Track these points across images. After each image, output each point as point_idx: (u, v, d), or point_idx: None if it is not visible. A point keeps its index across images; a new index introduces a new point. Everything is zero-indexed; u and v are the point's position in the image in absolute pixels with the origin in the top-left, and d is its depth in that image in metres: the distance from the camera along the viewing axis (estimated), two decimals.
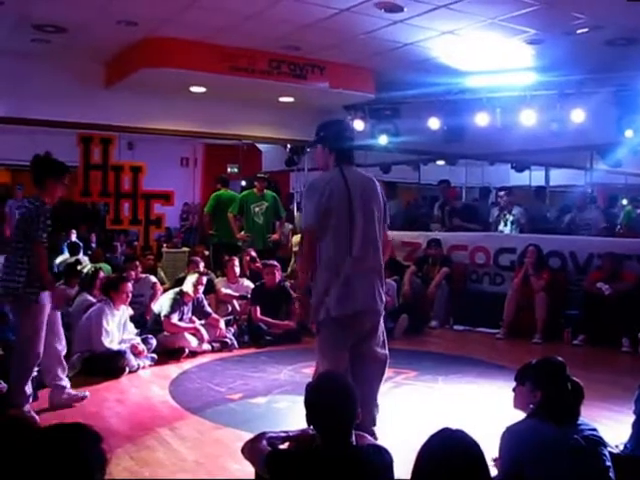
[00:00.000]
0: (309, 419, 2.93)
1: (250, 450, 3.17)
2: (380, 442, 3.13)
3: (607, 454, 3.15)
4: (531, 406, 3.32)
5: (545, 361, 3.51)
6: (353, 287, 4.39)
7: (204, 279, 8.14)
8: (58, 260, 11.05)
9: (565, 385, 3.26)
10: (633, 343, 7.94)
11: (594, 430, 3.20)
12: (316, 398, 2.94)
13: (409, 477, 2.43)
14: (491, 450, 2.67)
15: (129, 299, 7.29)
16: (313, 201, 4.41)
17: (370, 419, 4.52)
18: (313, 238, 4.43)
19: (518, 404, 3.59)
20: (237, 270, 9.27)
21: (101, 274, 8.11)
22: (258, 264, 9.65)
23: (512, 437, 3.19)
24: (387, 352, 4.76)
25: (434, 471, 2.37)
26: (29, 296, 5.22)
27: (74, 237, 12.94)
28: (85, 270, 8.65)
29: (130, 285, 7.30)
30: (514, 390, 3.68)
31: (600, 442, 3.16)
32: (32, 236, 5.18)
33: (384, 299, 4.59)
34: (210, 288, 8.76)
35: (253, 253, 10.07)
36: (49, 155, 5.65)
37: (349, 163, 4.61)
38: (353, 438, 2.88)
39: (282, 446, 3.22)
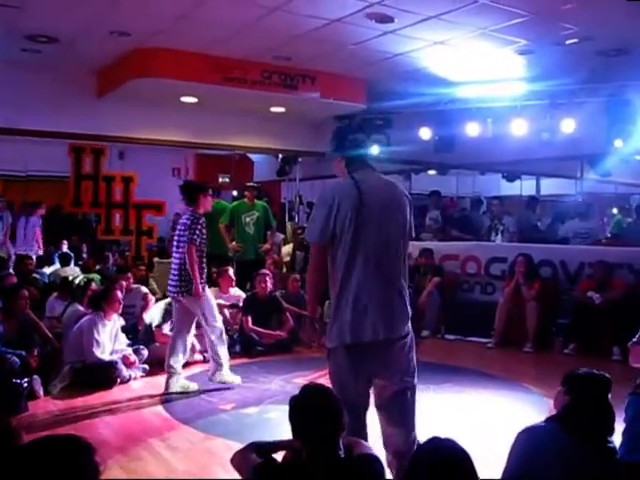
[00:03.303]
0: (294, 432, 2.93)
1: (239, 461, 3.16)
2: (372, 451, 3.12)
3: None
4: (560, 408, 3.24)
5: (588, 371, 3.34)
6: (365, 312, 3.74)
7: None
8: (49, 270, 11.02)
9: (596, 401, 3.17)
10: (623, 352, 7.95)
11: (614, 451, 3.14)
12: (299, 411, 2.94)
13: None
14: (481, 458, 2.67)
15: (121, 307, 7.28)
16: (320, 213, 3.86)
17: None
18: (320, 253, 3.88)
19: (556, 403, 3.46)
20: (232, 280, 9.18)
21: (93, 286, 8.09)
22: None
23: (527, 437, 3.12)
24: (413, 381, 3.94)
25: (424, 479, 2.37)
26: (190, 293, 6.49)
27: (65, 248, 12.90)
28: (77, 281, 8.62)
29: (120, 293, 7.29)
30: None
31: (617, 466, 3.11)
32: (187, 240, 6.43)
33: (406, 324, 3.85)
34: None
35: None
36: (191, 180, 7.15)
37: (363, 168, 4.02)
38: (342, 449, 2.87)
39: (272, 455, 3.21)
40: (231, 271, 9.27)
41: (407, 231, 3.92)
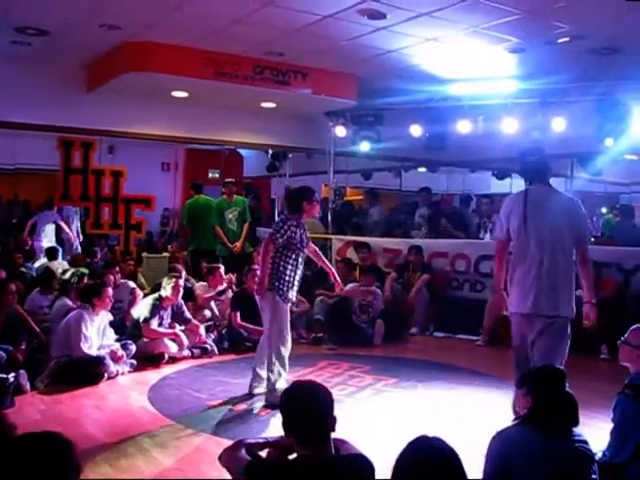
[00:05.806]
0: (285, 428, 2.91)
1: (228, 458, 3.13)
2: (360, 449, 3.10)
3: (595, 469, 3.16)
4: (524, 410, 3.32)
5: (542, 368, 3.60)
6: (526, 289, 5.03)
7: (181, 281, 8.06)
8: (36, 264, 10.96)
9: (556, 396, 3.27)
10: (611, 350, 7.97)
11: (585, 443, 3.20)
12: (289, 405, 2.93)
13: None
14: (469, 457, 2.67)
15: (111, 304, 7.26)
16: (500, 215, 5.28)
17: None
18: (499, 247, 5.29)
19: (516, 406, 3.59)
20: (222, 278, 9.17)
21: (85, 280, 8.04)
22: None
23: (501, 442, 3.19)
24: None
25: (412, 478, 2.36)
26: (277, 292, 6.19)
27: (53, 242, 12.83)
28: (67, 276, 8.55)
29: (111, 290, 7.27)
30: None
31: (589, 456, 3.17)
32: (269, 235, 6.19)
33: (558, 307, 5.09)
34: (189, 296, 8.70)
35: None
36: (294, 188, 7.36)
37: (538, 183, 5.21)
38: (332, 446, 2.85)
39: (261, 453, 3.19)
40: (222, 270, 9.24)
41: (573, 232, 5.01)
